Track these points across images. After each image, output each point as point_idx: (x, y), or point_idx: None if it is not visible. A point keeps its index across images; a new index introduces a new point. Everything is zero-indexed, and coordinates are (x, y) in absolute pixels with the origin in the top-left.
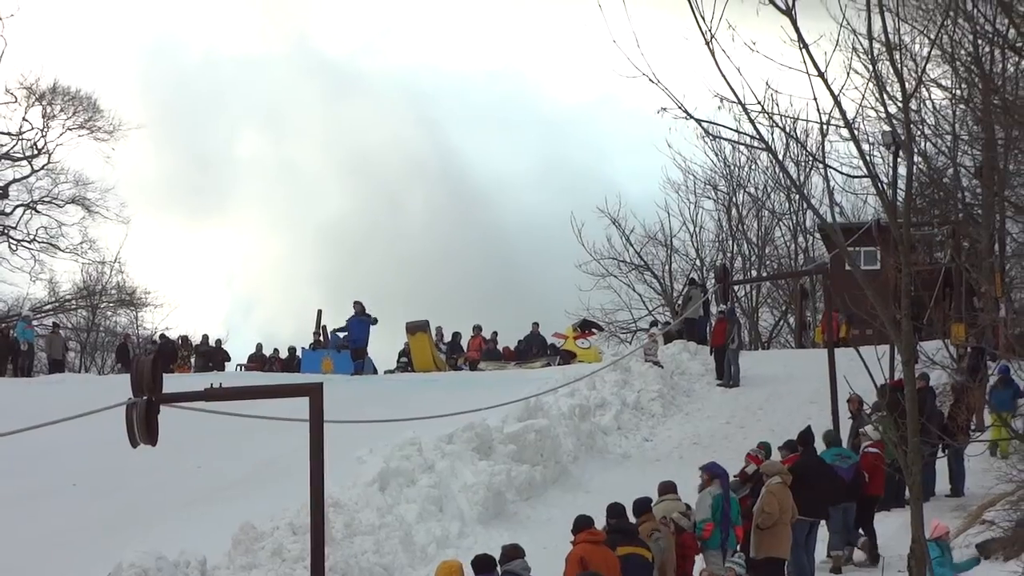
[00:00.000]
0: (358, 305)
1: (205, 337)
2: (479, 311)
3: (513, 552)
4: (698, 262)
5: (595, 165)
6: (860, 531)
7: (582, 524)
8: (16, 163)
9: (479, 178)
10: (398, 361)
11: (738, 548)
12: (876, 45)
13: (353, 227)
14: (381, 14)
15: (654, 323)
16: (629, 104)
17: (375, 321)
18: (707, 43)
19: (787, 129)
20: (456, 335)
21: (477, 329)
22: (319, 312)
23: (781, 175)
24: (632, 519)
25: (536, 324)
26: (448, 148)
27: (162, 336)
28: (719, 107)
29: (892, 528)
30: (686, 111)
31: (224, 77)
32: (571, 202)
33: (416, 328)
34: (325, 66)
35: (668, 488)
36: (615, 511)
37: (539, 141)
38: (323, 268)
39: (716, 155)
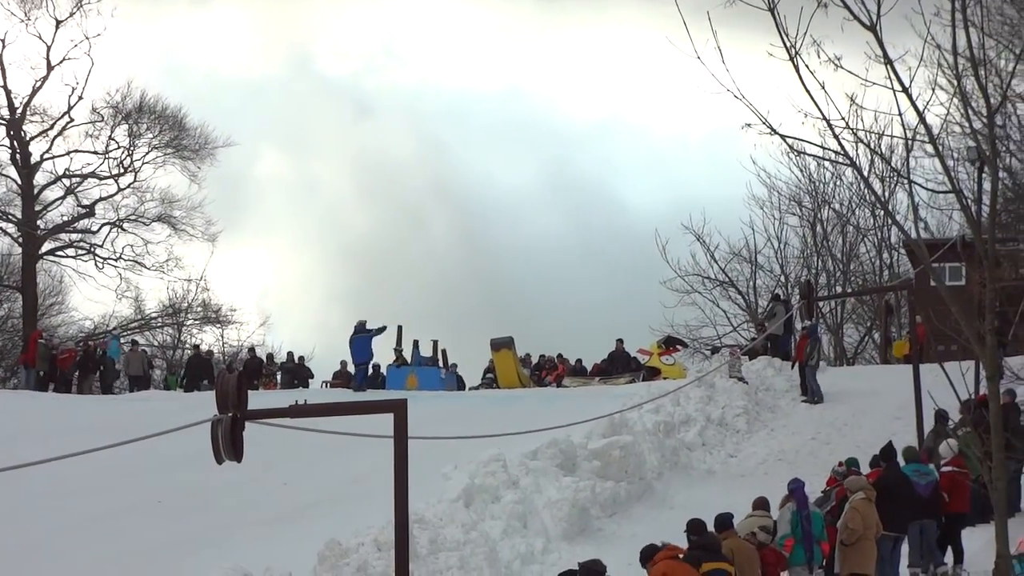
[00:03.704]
0: (358, 324)
1: (290, 354)
2: (496, 328)
3: (594, 566)
4: (783, 278)
5: (605, 183)
6: (940, 554)
7: (694, 527)
8: (103, 182)
9: (492, 195)
10: (483, 378)
11: (823, 563)
12: (961, 60)
13: (373, 245)
14: (380, 35)
15: (714, 350)
16: (637, 122)
17: (380, 331)
18: (791, 59)
19: (871, 145)
20: (542, 356)
21: (560, 358)
22: (400, 328)
23: (866, 191)
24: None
25: (620, 340)
26: (458, 166)
27: (250, 350)
28: (803, 123)
29: (977, 544)
30: (771, 127)
31: (229, 99)
32: (580, 220)
33: (501, 345)
34: (329, 87)
35: (759, 504)
36: (696, 527)
37: (549, 159)
38: (344, 286)
39: (801, 171)
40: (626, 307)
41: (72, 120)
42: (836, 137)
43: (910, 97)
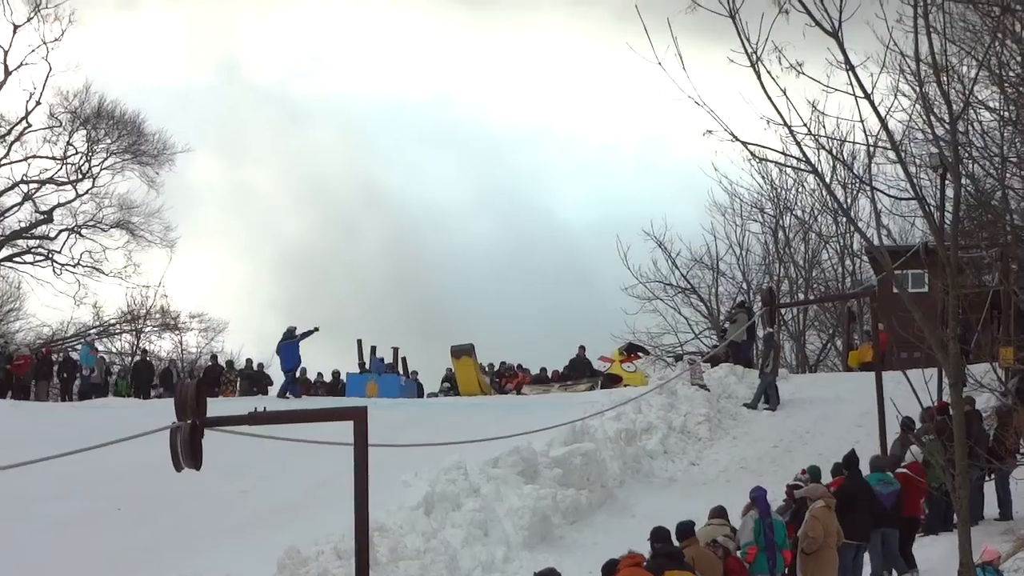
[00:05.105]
0: (287, 330)
1: (249, 361)
2: (432, 336)
3: (551, 574)
4: (745, 285)
5: (536, 190)
6: (903, 562)
7: (658, 535)
8: (61, 187)
9: (422, 201)
10: (441, 384)
11: (785, 572)
12: (923, 67)
13: (307, 252)
14: (308, 41)
15: (678, 357)
16: (566, 131)
17: (308, 334)
18: (753, 65)
19: (834, 151)
20: (503, 363)
21: (520, 368)
22: (359, 341)
23: (828, 198)
24: (675, 543)
25: (583, 348)
26: (389, 172)
27: (212, 357)
28: (765, 129)
29: (940, 552)
30: (732, 134)
31: (156, 104)
32: (512, 228)
33: (461, 352)
34: (257, 93)
35: (716, 513)
36: (659, 535)
37: (479, 165)
38: (280, 293)
39: (763, 178)
40: (562, 312)
41: (30, 125)
42: (798, 143)
43: (872, 103)
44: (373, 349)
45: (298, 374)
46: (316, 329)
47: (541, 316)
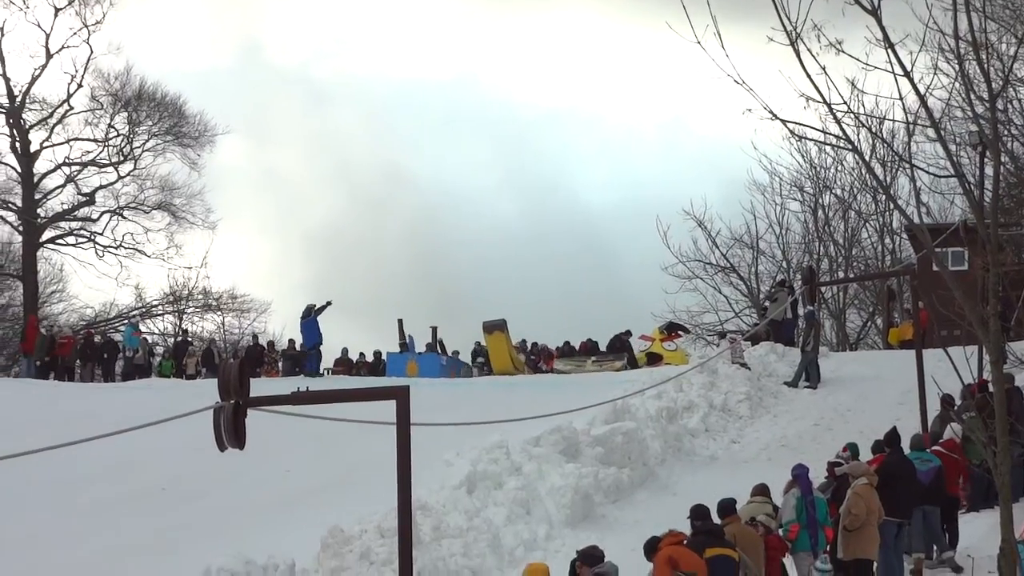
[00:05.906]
0: (306, 308)
1: (291, 342)
2: (458, 317)
3: (593, 552)
4: (784, 264)
5: (557, 174)
6: (944, 539)
7: (698, 513)
8: (102, 169)
9: (446, 183)
10: (474, 361)
11: (827, 549)
12: (963, 44)
13: (333, 234)
14: (330, 23)
15: (721, 335)
16: (589, 112)
17: (322, 309)
18: (792, 43)
19: (873, 129)
20: (535, 344)
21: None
22: (400, 321)
23: (867, 176)
24: (717, 520)
25: (628, 332)
26: (413, 154)
27: (253, 337)
28: (805, 107)
29: (982, 529)
30: (772, 112)
31: (179, 88)
32: (535, 210)
33: (494, 327)
34: (280, 76)
35: (758, 490)
36: (699, 512)
37: (503, 147)
38: (306, 274)
39: (802, 156)
40: (586, 294)
41: (71, 108)
42: (837, 122)
43: (912, 81)
44: (403, 331)
45: (337, 353)
46: (329, 303)
47: (565, 298)
